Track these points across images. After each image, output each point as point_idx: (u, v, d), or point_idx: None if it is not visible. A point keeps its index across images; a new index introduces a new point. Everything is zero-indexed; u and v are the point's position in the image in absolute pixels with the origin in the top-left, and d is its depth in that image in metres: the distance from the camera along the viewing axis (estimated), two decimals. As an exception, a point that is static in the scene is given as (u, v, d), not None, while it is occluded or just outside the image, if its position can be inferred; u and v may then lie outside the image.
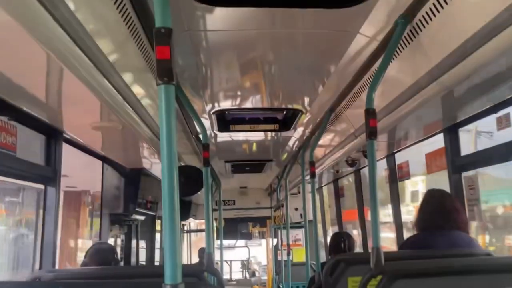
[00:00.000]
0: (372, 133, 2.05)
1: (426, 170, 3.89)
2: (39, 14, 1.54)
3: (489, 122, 2.93)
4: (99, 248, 3.29)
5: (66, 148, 3.20)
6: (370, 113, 2.05)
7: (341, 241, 4.04)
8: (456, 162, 3.31)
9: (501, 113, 2.80)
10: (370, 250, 1.97)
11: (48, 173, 3.00)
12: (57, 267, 3.16)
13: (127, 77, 2.43)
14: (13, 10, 1.49)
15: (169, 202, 1.20)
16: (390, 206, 4.62)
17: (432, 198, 2.70)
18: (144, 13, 1.94)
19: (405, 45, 2.21)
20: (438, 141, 3.57)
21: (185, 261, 12.09)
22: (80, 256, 4.63)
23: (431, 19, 1.94)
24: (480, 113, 2.91)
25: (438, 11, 1.87)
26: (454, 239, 2.54)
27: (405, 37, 2.13)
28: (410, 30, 2.08)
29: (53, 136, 3.04)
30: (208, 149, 2.83)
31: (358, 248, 5.91)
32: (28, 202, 3.49)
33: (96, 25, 1.87)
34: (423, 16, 1.96)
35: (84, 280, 2.21)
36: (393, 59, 2.31)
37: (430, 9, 1.89)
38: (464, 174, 3.30)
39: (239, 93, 3.31)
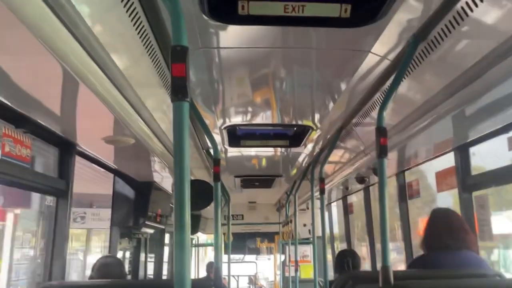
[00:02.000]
0: (382, 152, 2.06)
1: (436, 189, 3.87)
2: (56, 29, 1.57)
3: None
4: (106, 262, 3.28)
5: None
6: (381, 132, 2.06)
7: (344, 260, 4.01)
8: (467, 181, 3.30)
9: (512, 133, 2.79)
10: (378, 269, 1.96)
11: (60, 186, 3.03)
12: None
13: (141, 92, 2.46)
14: (31, 24, 1.52)
15: (181, 217, 1.21)
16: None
17: (439, 217, 2.68)
18: (160, 30, 1.97)
19: (417, 64, 2.22)
20: (448, 160, 3.56)
21: (192, 275, 12.04)
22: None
23: (443, 39, 1.96)
24: (491, 133, 2.90)
25: (450, 32, 1.88)
26: (463, 259, 2.51)
27: (416, 56, 2.14)
28: (422, 50, 2.09)
29: (66, 149, 3.08)
30: (219, 164, 2.85)
31: (367, 267, 5.86)
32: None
33: (112, 41, 1.90)
34: (435, 37, 1.97)
35: None
36: (405, 78, 2.32)
37: (442, 29, 1.90)
38: (475, 194, 3.29)
39: (250, 109, 3.34)
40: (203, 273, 9.33)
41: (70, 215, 3.08)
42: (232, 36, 2.18)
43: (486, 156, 3.30)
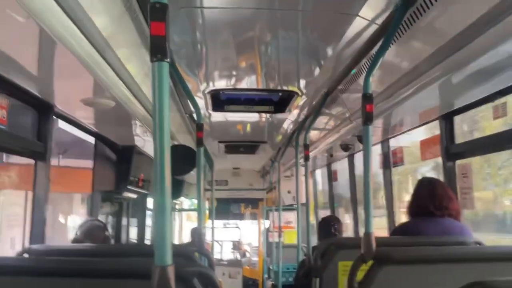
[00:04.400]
0: (368, 118, 2.02)
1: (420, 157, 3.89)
2: None
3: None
4: (91, 225, 3.26)
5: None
6: (367, 98, 2.03)
7: (331, 224, 4.05)
8: (450, 150, 3.31)
9: (498, 102, 2.78)
10: (361, 235, 1.96)
11: (38, 148, 2.96)
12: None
13: (121, 53, 2.38)
14: None
15: (161, 182, 1.17)
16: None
17: (424, 185, 2.72)
18: None
19: (405, 30, 2.17)
20: (433, 128, 3.56)
21: (176, 241, 12.13)
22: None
23: (432, 4, 1.91)
24: (477, 102, 2.89)
25: None
26: (446, 226, 2.55)
27: (405, 21, 2.09)
28: (410, 15, 2.04)
29: (44, 110, 2.99)
30: (202, 129, 2.81)
31: (349, 233, 5.94)
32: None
33: None
34: (424, 1, 1.92)
35: (73, 257, 2.19)
36: (392, 44, 2.27)
37: None
38: (458, 162, 3.30)
39: (234, 73, 3.27)
40: (187, 239, 9.39)
41: (48, 179, 3.02)
42: None
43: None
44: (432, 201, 2.61)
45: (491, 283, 0.98)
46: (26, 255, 2.22)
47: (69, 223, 4.62)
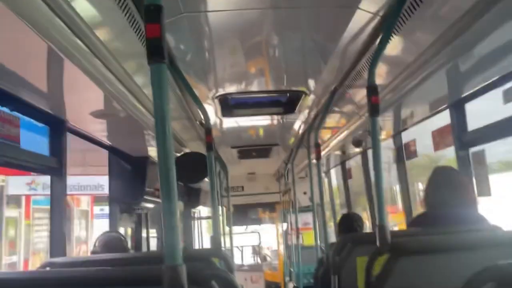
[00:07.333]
0: (374, 110, 2.02)
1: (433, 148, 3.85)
2: (37, 5, 1.55)
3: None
4: (108, 237, 3.30)
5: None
6: (372, 90, 2.03)
7: (352, 221, 4.01)
8: (463, 138, 3.27)
9: (508, 85, 2.75)
10: None
11: (53, 164, 3.00)
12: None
13: (127, 65, 2.42)
14: (10, 1, 1.49)
15: (166, 185, 1.18)
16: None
17: (439, 175, 2.69)
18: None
19: (406, 19, 2.17)
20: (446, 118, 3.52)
21: (197, 247, 12.14)
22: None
23: None
24: (486, 87, 2.86)
25: None
26: (462, 216, 2.51)
27: (405, 10, 2.09)
28: (411, 3, 2.04)
29: (56, 126, 3.04)
30: (210, 133, 2.82)
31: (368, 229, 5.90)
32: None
33: (94, 14, 1.87)
34: None
35: (92, 267, 2.22)
36: (395, 34, 2.27)
37: None
38: (472, 150, 3.26)
39: (241, 76, 3.29)
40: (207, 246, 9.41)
41: (65, 193, 3.06)
42: None
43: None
44: (449, 191, 2.58)
45: (504, 267, 0.97)
46: (48, 268, 2.25)
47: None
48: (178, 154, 4.58)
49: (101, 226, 9.50)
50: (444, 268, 1.77)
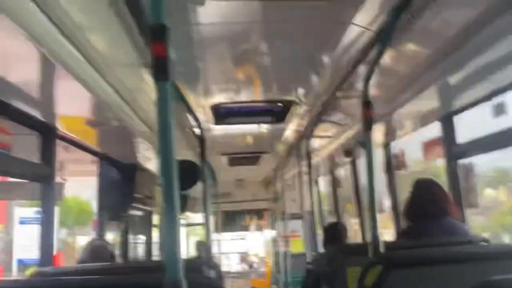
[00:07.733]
0: (368, 124, 2.04)
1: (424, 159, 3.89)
2: (31, 11, 1.54)
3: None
4: (95, 245, 3.26)
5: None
6: (366, 104, 2.05)
7: (336, 231, 4.03)
8: (452, 150, 3.31)
9: (497, 100, 2.79)
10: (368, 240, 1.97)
11: (44, 171, 2.97)
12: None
13: (121, 73, 2.41)
14: (5, 7, 1.47)
15: (169, 198, 1.19)
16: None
17: (421, 187, 2.71)
18: (138, 9, 1.92)
19: (400, 34, 2.19)
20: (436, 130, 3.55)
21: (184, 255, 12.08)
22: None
23: (425, 8, 1.93)
24: (476, 101, 2.90)
25: None
26: (447, 226, 2.55)
27: (399, 26, 2.11)
28: (405, 20, 2.06)
29: (47, 133, 3.01)
30: (204, 143, 2.82)
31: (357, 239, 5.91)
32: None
33: (89, 22, 1.85)
34: (417, 6, 1.94)
35: (82, 276, 2.20)
36: (389, 49, 2.29)
37: None
38: (460, 162, 3.30)
39: (233, 86, 3.30)
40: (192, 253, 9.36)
41: (55, 200, 3.03)
42: (211, 11, 2.13)
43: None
44: (431, 202, 2.61)
45: (497, 282, 0.98)
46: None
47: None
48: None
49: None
50: (437, 281, 1.79)
